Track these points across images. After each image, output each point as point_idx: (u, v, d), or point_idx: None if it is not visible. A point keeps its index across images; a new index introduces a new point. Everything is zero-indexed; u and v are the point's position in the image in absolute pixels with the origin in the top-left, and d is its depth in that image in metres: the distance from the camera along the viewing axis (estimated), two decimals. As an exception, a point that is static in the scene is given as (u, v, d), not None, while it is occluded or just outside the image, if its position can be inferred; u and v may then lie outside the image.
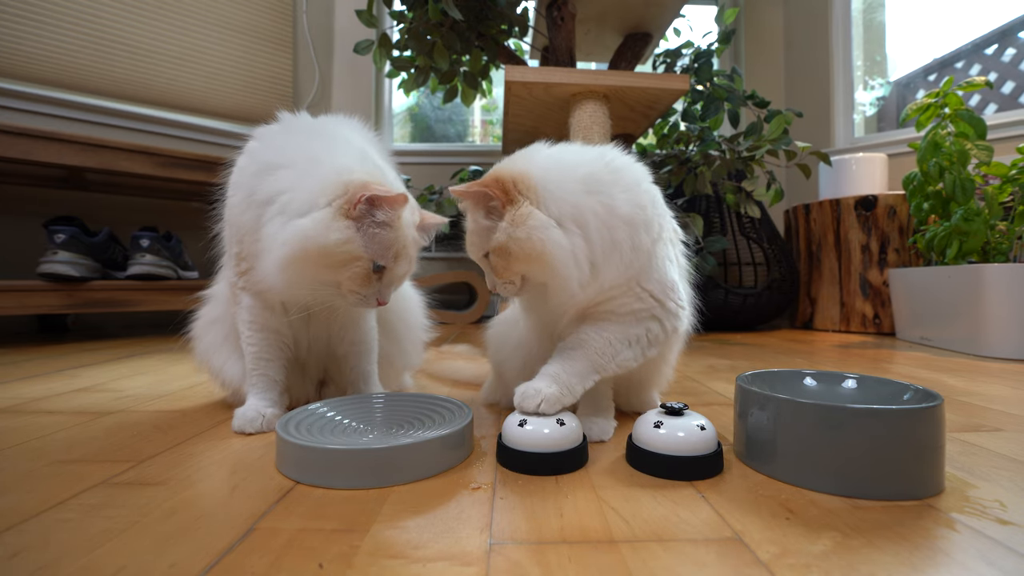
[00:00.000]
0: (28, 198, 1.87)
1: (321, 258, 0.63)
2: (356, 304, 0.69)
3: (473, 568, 0.38)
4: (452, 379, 1.08)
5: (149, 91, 2.14)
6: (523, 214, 0.59)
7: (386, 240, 0.66)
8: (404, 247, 0.68)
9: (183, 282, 1.77)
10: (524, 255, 0.59)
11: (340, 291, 0.68)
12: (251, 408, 0.72)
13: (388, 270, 0.68)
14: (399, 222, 0.67)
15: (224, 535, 0.42)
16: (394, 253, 0.67)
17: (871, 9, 2.58)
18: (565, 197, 0.60)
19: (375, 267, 0.66)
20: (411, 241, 0.70)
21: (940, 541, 0.42)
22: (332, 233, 0.62)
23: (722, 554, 0.40)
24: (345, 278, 0.66)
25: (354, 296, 0.68)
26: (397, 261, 0.68)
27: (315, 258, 0.63)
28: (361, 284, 0.67)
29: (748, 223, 2.07)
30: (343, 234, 0.63)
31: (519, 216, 0.59)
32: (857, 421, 0.49)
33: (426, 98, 2.89)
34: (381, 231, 0.66)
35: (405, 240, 0.68)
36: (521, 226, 0.59)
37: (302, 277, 0.65)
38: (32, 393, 0.94)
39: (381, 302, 0.69)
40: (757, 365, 1.25)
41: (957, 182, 1.47)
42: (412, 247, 0.70)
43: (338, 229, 0.63)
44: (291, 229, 0.63)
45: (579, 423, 0.61)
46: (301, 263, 0.63)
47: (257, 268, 0.70)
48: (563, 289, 0.61)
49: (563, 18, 1.65)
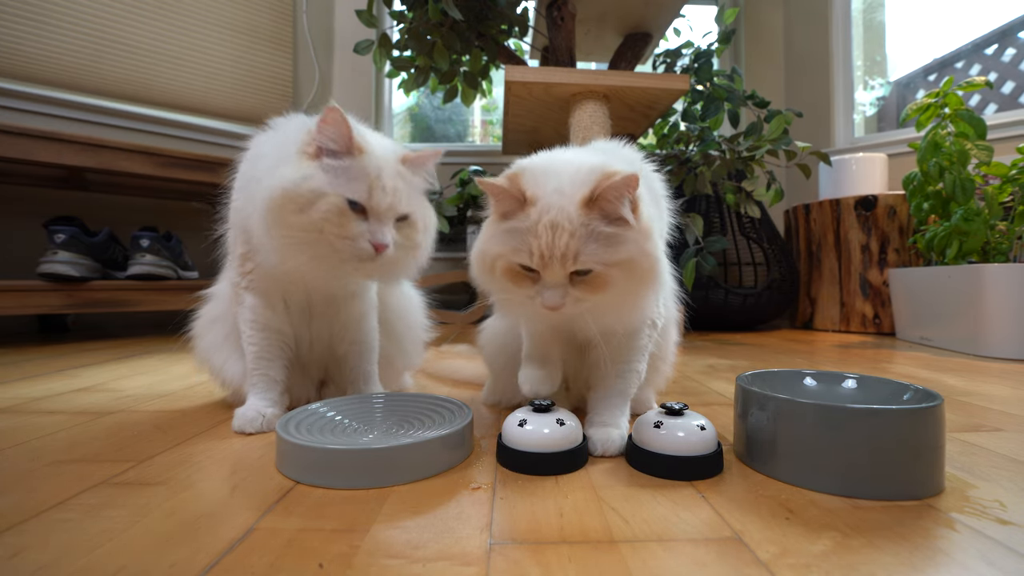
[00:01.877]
0: (28, 198, 1.87)
1: (288, 203, 0.63)
2: (353, 256, 0.66)
3: (473, 568, 0.38)
4: (452, 379, 1.08)
5: (149, 91, 2.14)
6: (647, 225, 0.54)
7: (351, 171, 0.65)
8: (376, 177, 0.65)
9: (183, 282, 1.77)
10: (643, 272, 0.54)
11: (331, 244, 0.65)
12: (251, 408, 0.72)
13: (368, 207, 0.65)
14: (359, 151, 0.65)
15: (224, 535, 0.42)
16: (367, 186, 0.65)
17: (871, 9, 2.58)
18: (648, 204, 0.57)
19: (352, 205, 0.65)
20: (388, 172, 0.67)
21: (940, 541, 0.42)
22: (292, 174, 0.63)
23: (722, 554, 0.40)
24: (322, 221, 0.64)
25: (344, 243, 0.65)
26: (372, 194, 0.65)
27: (284, 204, 0.63)
28: (340, 225, 0.64)
29: (748, 223, 2.07)
30: (302, 172, 0.64)
31: (645, 227, 0.54)
32: (857, 421, 0.49)
33: (426, 98, 2.89)
34: (341, 162, 0.64)
35: (375, 169, 0.66)
36: (649, 238, 0.54)
37: (284, 231, 0.64)
38: (32, 393, 0.94)
39: (377, 244, 0.65)
40: (757, 365, 1.25)
41: (957, 182, 1.47)
42: (390, 178, 0.67)
43: (298, 169, 0.64)
44: (262, 187, 0.64)
45: (579, 423, 0.61)
46: (276, 214, 0.63)
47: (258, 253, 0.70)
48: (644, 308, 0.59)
49: (563, 18, 1.65)
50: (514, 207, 0.54)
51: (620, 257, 0.52)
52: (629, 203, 0.53)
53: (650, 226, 0.55)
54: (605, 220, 0.53)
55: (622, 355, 0.65)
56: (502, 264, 0.55)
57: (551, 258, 0.52)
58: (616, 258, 0.52)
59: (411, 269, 0.76)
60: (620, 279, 0.53)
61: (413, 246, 0.73)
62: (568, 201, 0.52)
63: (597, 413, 0.65)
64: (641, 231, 0.53)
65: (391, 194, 0.67)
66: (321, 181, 0.64)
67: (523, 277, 0.55)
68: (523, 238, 0.53)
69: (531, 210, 0.53)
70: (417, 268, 0.77)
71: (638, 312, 0.60)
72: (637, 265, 0.53)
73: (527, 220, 0.53)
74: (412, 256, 0.74)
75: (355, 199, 0.65)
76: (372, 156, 0.66)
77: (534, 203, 0.53)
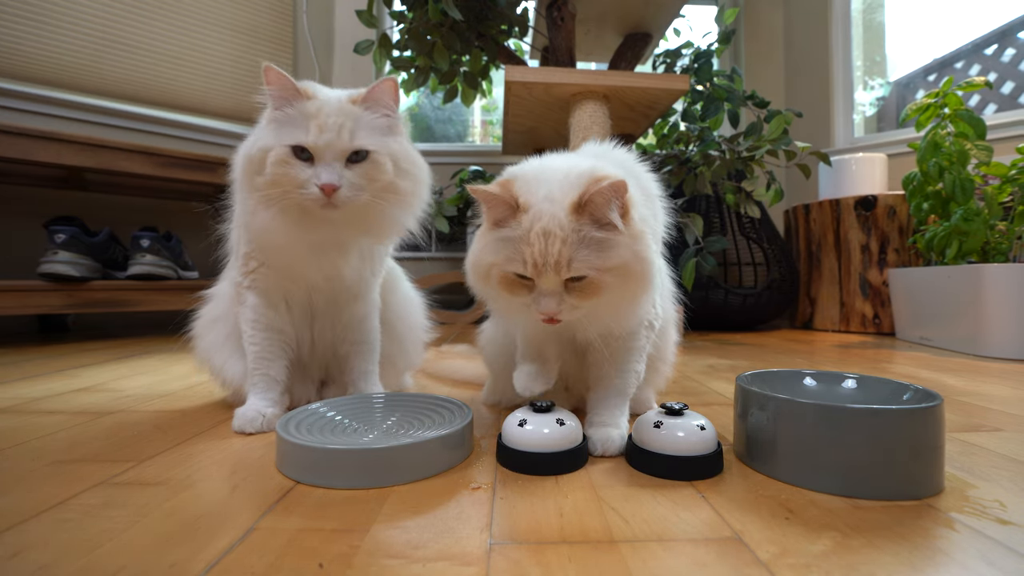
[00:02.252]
0: (28, 198, 1.87)
1: (249, 166, 0.67)
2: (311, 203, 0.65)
3: (473, 568, 0.38)
4: (452, 379, 1.08)
5: (149, 91, 2.14)
6: (639, 228, 0.54)
7: (294, 119, 0.65)
8: (315, 117, 0.65)
9: (183, 282, 1.77)
10: (636, 276, 0.53)
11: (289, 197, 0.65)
12: (251, 408, 0.72)
13: (311, 148, 0.64)
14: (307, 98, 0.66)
15: (224, 535, 0.42)
16: (305, 128, 0.64)
17: (871, 9, 2.58)
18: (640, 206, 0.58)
19: (298, 153, 0.65)
20: (330, 110, 0.65)
21: (940, 541, 0.42)
22: (251, 140, 0.67)
23: (722, 554, 0.40)
24: (275, 175, 0.64)
25: (298, 193, 0.64)
26: (309, 134, 0.64)
27: (246, 169, 0.67)
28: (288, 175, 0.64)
29: (748, 223, 2.07)
30: (254, 135, 0.67)
31: (636, 230, 0.54)
32: (857, 421, 0.49)
33: (426, 98, 2.89)
34: (286, 111, 0.65)
35: (315, 111, 0.65)
36: (640, 242, 0.54)
37: (253, 195, 0.67)
38: (32, 393, 0.94)
39: (323, 185, 0.63)
40: (757, 365, 1.25)
41: (957, 182, 1.47)
42: (333, 116, 0.65)
43: (257, 136, 0.67)
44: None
45: (578, 423, 0.61)
46: (243, 180, 0.67)
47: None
48: (640, 310, 0.59)
49: (563, 18, 1.65)
50: (506, 214, 0.54)
51: (613, 262, 0.52)
52: (618, 208, 0.52)
53: (642, 229, 0.55)
54: (596, 225, 0.52)
55: (620, 356, 0.65)
56: (497, 273, 0.55)
57: (544, 266, 0.52)
58: (609, 263, 0.52)
59: (392, 216, 0.72)
60: (614, 284, 0.53)
61: (382, 187, 0.68)
62: (559, 208, 0.52)
63: (597, 413, 0.65)
64: (632, 235, 0.53)
65: (333, 130, 0.65)
66: (267, 138, 0.66)
67: (518, 285, 0.55)
68: (516, 247, 0.53)
69: (523, 217, 0.53)
70: (404, 214, 0.73)
71: (634, 315, 0.60)
72: (630, 269, 0.53)
73: (519, 228, 0.53)
74: (387, 199, 0.69)
75: (295, 143, 0.65)
76: (315, 100, 0.66)
77: (526, 210, 0.53)
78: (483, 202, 0.55)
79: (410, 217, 0.74)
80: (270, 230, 0.68)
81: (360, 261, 0.77)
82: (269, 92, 0.66)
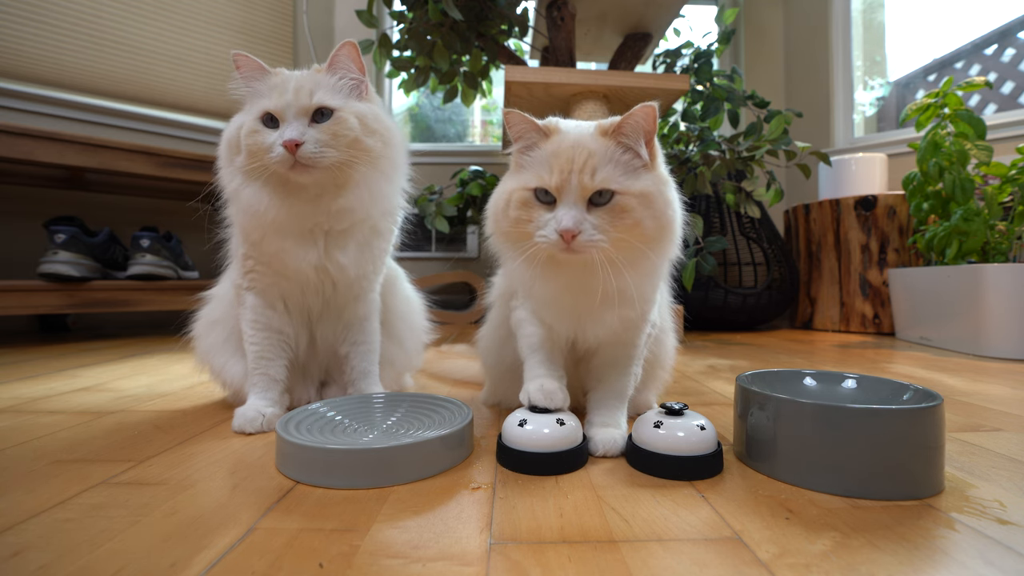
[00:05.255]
0: (28, 198, 1.87)
1: (229, 149, 0.71)
2: (279, 164, 0.67)
3: (473, 568, 0.38)
4: (452, 378, 1.08)
5: (149, 91, 2.14)
6: (664, 172, 0.57)
7: (260, 93, 0.70)
8: (277, 86, 0.69)
9: (183, 282, 1.77)
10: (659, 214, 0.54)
11: (264, 165, 0.68)
12: (251, 408, 0.72)
13: (274, 112, 0.68)
14: (269, 75, 0.71)
15: (224, 535, 0.42)
16: (278, 91, 0.68)
17: (871, 9, 2.58)
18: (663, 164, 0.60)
19: (266, 123, 0.69)
20: (293, 77, 0.70)
21: (940, 541, 0.42)
22: (229, 125, 0.73)
23: (722, 554, 0.40)
24: (249, 148, 0.68)
25: (268, 158, 0.67)
26: (271, 99, 0.68)
27: (227, 151, 0.72)
28: (257, 143, 0.68)
29: (748, 223, 2.07)
30: (235, 117, 0.73)
31: (662, 173, 0.57)
32: (857, 421, 0.49)
33: (426, 98, 2.89)
34: (255, 86, 0.71)
35: (279, 81, 0.70)
36: (667, 185, 0.56)
37: (236, 172, 0.71)
38: (32, 393, 0.94)
39: (286, 143, 0.65)
40: (757, 365, 1.25)
41: (957, 182, 1.47)
42: (294, 80, 0.69)
43: (232, 121, 0.73)
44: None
45: (578, 423, 0.61)
46: (226, 161, 0.72)
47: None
48: (657, 271, 0.60)
49: (563, 18, 1.65)
50: (537, 139, 0.56)
51: (638, 187, 0.53)
52: (645, 139, 0.54)
53: (667, 176, 0.57)
54: (623, 150, 0.54)
55: (620, 359, 0.66)
56: (518, 196, 0.55)
57: (570, 172, 0.52)
58: (635, 187, 0.53)
59: (367, 179, 0.72)
60: (638, 211, 0.53)
61: (349, 143, 0.69)
62: (588, 129, 0.55)
63: (597, 414, 0.65)
64: (658, 175, 0.56)
65: (292, 92, 0.68)
66: (240, 116, 0.72)
67: (538, 208, 0.54)
68: (544, 162, 0.54)
69: (554, 137, 0.55)
70: (379, 177, 0.73)
71: (652, 277, 0.60)
72: (654, 201, 0.54)
73: (548, 146, 0.54)
74: (358, 158, 0.70)
75: (264, 110, 0.69)
76: (282, 74, 0.71)
77: (556, 132, 0.55)
78: (515, 125, 0.56)
79: (385, 182, 0.74)
80: (254, 205, 0.70)
81: (359, 254, 0.76)
82: (240, 76, 0.72)
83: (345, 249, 0.74)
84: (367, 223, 0.75)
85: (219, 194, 0.76)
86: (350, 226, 0.74)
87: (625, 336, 0.64)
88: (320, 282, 0.76)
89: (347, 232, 0.74)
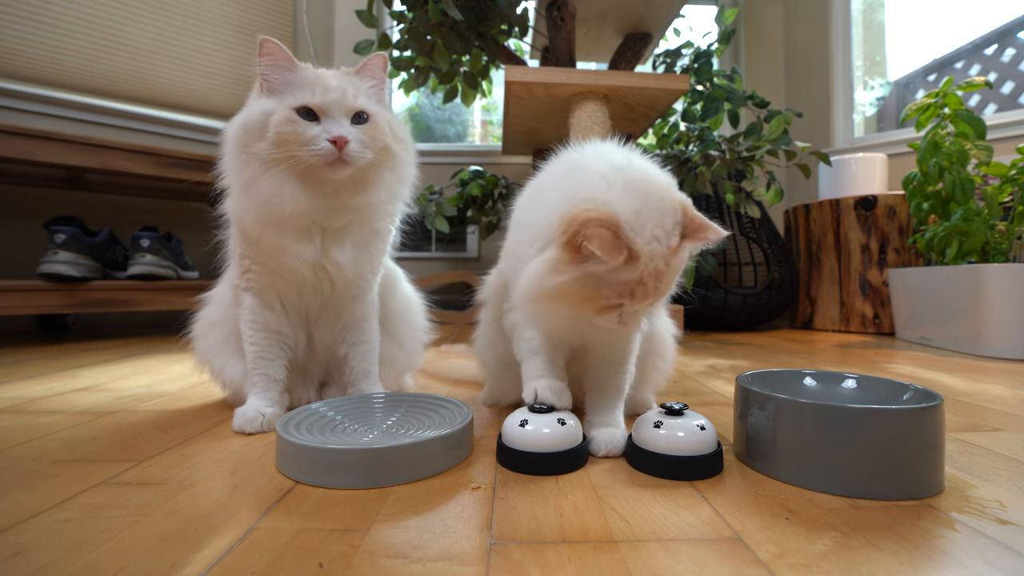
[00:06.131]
0: (28, 198, 1.87)
1: (247, 134, 0.68)
2: (318, 159, 0.66)
3: (473, 568, 0.38)
4: (452, 378, 1.08)
5: (149, 91, 2.14)
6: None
7: (293, 84, 0.68)
8: (316, 80, 0.68)
9: (183, 282, 1.77)
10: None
11: (296, 156, 0.66)
12: (251, 408, 0.72)
13: (316, 107, 0.67)
14: (297, 67, 0.69)
15: (224, 535, 0.42)
16: (310, 90, 0.68)
17: (871, 9, 2.58)
18: None
19: (304, 115, 0.67)
20: (330, 75, 0.69)
21: (940, 541, 0.42)
22: (246, 111, 0.70)
23: (722, 554, 0.40)
24: (280, 135, 0.66)
25: (305, 150, 0.66)
26: (315, 93, 0.67)
27: (244, 136, 0.68)
28: (296, 133, 0.66)
29: (748, 223, 2.07)
30: (252, 106, 0.69)
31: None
32: (857, 421, 0.49)
33: (426, 98, 2.89)
34: (284, 79, 0.69)
35: (315, 76, 0.69)
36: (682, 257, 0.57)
37: (252, 159, 0.68)
38: (32, 393, 0.94)
39: (335, 138, 0.66)
40: (757, 365, 1.25)
41: (957, 182, 1.47)
42: (334, 79, 0.69)
43: (251, 107, 0.70)
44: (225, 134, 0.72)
45: (579, 422, 0.61)
46: (240, 147, 0.68)
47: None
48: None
49: (563, 18, 1.65)
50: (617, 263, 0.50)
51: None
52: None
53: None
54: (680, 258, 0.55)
55: (620, 358, 0.66)
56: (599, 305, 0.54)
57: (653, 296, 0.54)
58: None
59: (395, 187, 0.76)
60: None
61: (382, 148, 0.72)
62: (664, 249, 0.52)
63: (598, 414, 0.65)
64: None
65: (336, 91, 0.68)
66: (267, 103, 0.68)
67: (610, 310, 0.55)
68: (626, 287, 0.53)
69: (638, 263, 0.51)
70: (403, 186, 0.77)
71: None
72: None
73: (634, 272, 0.51)
74: (390, 167, 0.74)
75: (302, 103, 0.67)
76: (310, 69, 0.70)
77: (639, 257, 0.51)
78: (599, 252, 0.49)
79: (404, 187, 0.78)
80: (272, 194, 0.68)
81: (356, 253, 0.75)
82: (265, 63, 0.69)
83: (342, 247, 0.74)
84: (366, 223, 0.76)
85: (217, 192, 0.76)
86: (348, 223, 0.74)
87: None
88: (318, 281, 0.76)
89: (345, 229, 0.74)
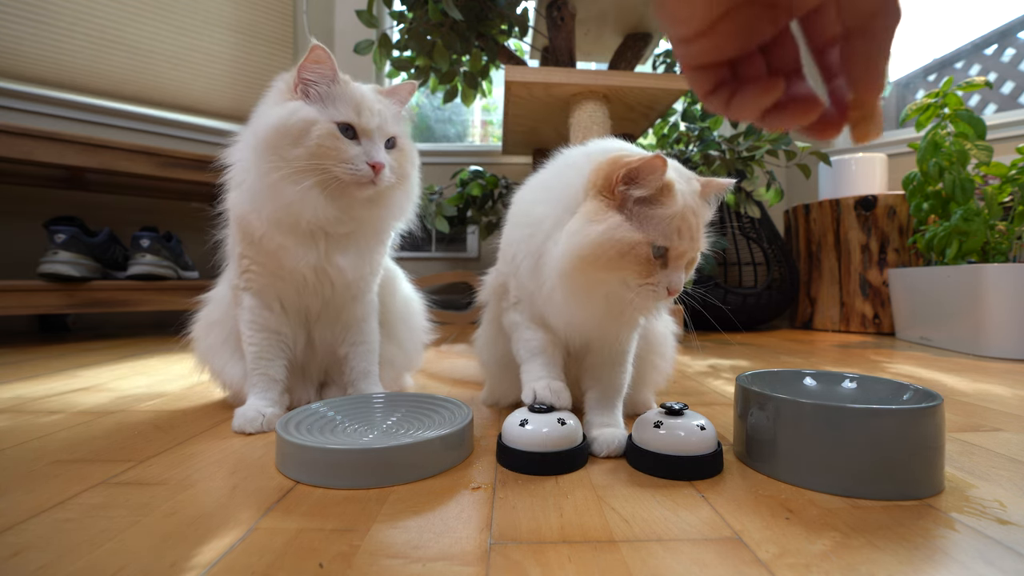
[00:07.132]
0: (29, 198, 1.87)
1: (281, 137, 0.66)
2: (353, 180, 0.67)
3: (473, 568, 0.38)
4: (452, 378, 1.08)
5: (149, 91, 2.14)
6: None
7: (336, 99, 0.68)
8: (361, 100, 0.69)
9: (183, 282, 1.77)
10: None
11: (331, 172, 0.67)
12: (251, 408, 0.72)
13: (358, 127, 0.69)
14: (340, 82, 0.70)
15: (224, 535, 0.42)
16: (355, 108, 0.69)
17: (871, 9, 2.58)
18: None
19: (344, 131, 0.68)
20: (371, 97, 0.71)
21: (940, 541, 0.42)
22: (279, 111, 0.67)
23: (722, 554, 0.40)
24: (319, 147, 0.66)
25: (343, 168, 0.67)
26: (360, 114, 0.69)
27: (278, 139, 0.66)
28: (337, 149, 0.67)
29: (748, 223, 2.07)
30: (288, 108, 0.68)
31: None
32: (857, 421, 0.49)
33: (426, 98, 2.89)
34: (327, 90, 0.69)
35: (359, 95, 0.70)
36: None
37: (281, 165, 0.66)
38: (32, 393, 0.94)
39: (374, 163, 0.68)
40: (757, 365, 1.25)
41: (957, 182, 1.47)
42: (375, 102, 0.71)
43: (283, 107, 0.68)
44: (250, 132, 0.70)
45: (579, 422, 0.61)
46: (270, 150, 0.66)
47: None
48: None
49: (563, 18, 1.65)
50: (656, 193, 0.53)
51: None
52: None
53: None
54: (706, 211, 0.58)
55: (619, 357, 0.66)
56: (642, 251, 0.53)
57: (692, 240, 0.55)
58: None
59: (404, 205, 0.79)
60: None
61: (404, 176, 0.75)
62: (693, 190, 0.57)
63: (598, 414, 0.65)
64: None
65: (378, 115, 0.70)
66: (309, 111, 0.67)
67: (652, 265, 0.54)
68: (669, 223, 0.54)
69: (676, 196, 0.54)
70: (410, 205, 0.80)
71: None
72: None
73: (673, 206, 0.54)
74: (404, 189, 0.77)
75: (345, 121, 0.68)
76: (351, 85, 0.70)
77: (673, 186, 0.54)
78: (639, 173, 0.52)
79: (410, 204, 0.81)
80: (297, 202, 0.67)
81: (358, 258, 0.77)
82: (312, 70, 0.68)
83: (346, 252, 0.75)
84: (370, 233, 0.78)
85: (220, 187, 0.76)
86: (353, 231, 0.74)
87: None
88: (318, 283, 0.76)
89: (349, 236, 0.75)
